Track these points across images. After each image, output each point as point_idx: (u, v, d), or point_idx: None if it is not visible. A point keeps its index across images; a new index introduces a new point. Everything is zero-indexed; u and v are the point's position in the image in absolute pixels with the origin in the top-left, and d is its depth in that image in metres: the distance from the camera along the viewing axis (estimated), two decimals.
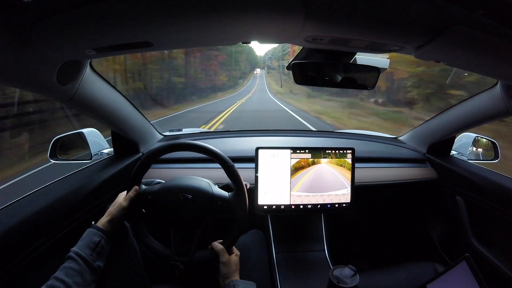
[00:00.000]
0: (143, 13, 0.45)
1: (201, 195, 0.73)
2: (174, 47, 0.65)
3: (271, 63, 59.89)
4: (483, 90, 0.90)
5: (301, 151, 0.96)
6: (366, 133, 1.53)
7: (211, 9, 0.44)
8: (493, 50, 0.53)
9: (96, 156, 1.03)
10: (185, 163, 1.12)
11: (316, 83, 0.81)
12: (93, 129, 1.07)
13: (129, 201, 0.70)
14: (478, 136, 1.18)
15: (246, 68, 55.82)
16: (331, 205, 0.98)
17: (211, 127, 7.41)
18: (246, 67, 56.57)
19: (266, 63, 67.27)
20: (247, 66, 58.06)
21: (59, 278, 0.54)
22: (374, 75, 0.78)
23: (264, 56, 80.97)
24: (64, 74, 0.62)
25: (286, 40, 0.60)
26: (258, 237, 1.00)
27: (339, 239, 1.20)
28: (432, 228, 1.26)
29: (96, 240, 0.63)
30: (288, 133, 1.46)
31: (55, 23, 0.45)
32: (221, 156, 0.74)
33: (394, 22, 0.48)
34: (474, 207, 1.05)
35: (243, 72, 51.65)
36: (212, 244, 0.73)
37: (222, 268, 0.70)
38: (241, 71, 48.16)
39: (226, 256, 0.71)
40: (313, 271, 0.97)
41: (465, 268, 0.72)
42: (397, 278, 0.91)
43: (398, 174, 1.17)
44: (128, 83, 11.17)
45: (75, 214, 0.80)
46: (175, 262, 0.74)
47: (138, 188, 0.73)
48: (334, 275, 0.69)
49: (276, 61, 51.29)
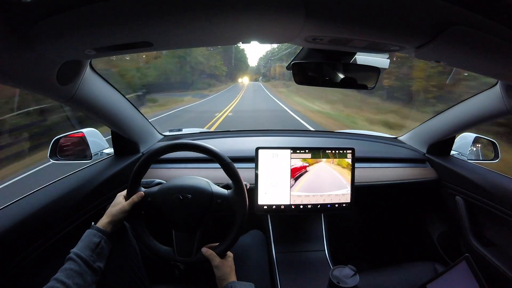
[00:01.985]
0: (143, 13, 0.45)
1: (200, 194, 0.73)
2: (174, 47, 0.65)
3: (266, 71, 47.75)
4: (483, 90, 0.90)
5: (301, 151, 0.96)
6: (366, 133, 1.53)
7: (211, 9, 0.44)
8: (493, 50, 0.53)
9: (96, 156, 1.02)
10: (185, 163, 1.12)
11: (316, 83, 0.81)
12: (93, 129, 1.07)
13: (132, 205, 0.70)
14: (478, 136, 1.18)
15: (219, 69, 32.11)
16: (331, 205, 0.98)
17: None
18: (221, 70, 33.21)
19: (261, 71, 54.99)
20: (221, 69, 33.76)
21: (59, 280, 0.54)
22: (374, 75, 0.78)
23: (258, 63, 71.52)
24: (64, 74, 0.62)
25: (286, 40, 0.60)
26: (258, 237, 1.00)
27: (339, 239, 1.20)
28: (432, 228, 1.26)
29: (96, 241, 0.62)
30: (288, 133, 1.46)
31: (55, 23, 0.45)
32: (218, 154, 0.74)
33: (394, 22, 0.48)
34: (474, 207, 1.05)
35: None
36: (202, 250, 0.72)
37: (216, 271, 0.70)
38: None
39: (217, 260, 0.70)
40: (313, 271, 0.97)
41: (465, 268, 0.72)
42: (397, 278, 0.91)
43: (398, 174, 1.17)
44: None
45: (75, 214, 0.80)
46: (178, 262, 0.74)
47: (143, 194, 0.73)
48: (334, 275, 0.69)
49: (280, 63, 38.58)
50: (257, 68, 72.65)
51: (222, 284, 0.69)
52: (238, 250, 0.79)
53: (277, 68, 41.38)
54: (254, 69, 73.95)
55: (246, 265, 0.85)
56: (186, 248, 0.72)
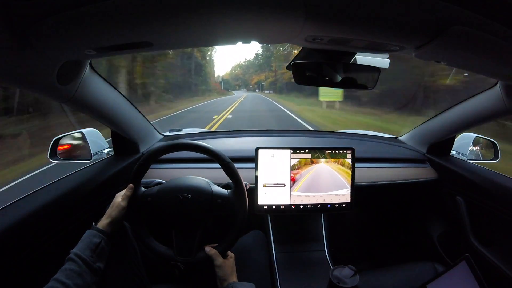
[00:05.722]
0: (143, 13, 0.45)
1: (200, 194, 0.73)
2: (174, 47, 0.65)
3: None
4: (483, 90, 0.90)
5: (301, 151, 0.96)
6: (366, 133, 1.53)
7: (211, 9, 0.44)
8: (493, 50, 0.53)
9: (96, 156, 1.03)
10: (185, 163, 1.12)
11: (316, 83, 0.81)
12: (93, 129, 1.07)
13: (127, 200, 0.70)
14: (478, 136, 1.18)
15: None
16: (331, 205, 0.97)
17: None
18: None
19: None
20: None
21: (59, 280, 0.54)
22: (374, 75, 0.78)
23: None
24: (64, 74, 0.62)
25: (286, 40, 0.60)
26: (259, 237, 1.00)
27: (339, 239, 1.20)
28: (432, 228, 1.26)
29: (96, 241, 0.62)
30: (288, 133, 1.46)
31: (55, 23, 0.45)
32: (218, 154, 0.74)
33: (394, 22, 0.48)
34: (474, 207, 1.05)
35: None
36: (205, 249, 0.73)
37: (217, 271, 0.70)
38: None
39: (220, 259, 0.71)
40: (313, 271, 0.97)
41: (465, 268, 0.72)
42: (397, 278, 0.91)
43: (398, 174, 1.17)
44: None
45: (75, 214, 0.80)
46: (179, 262, 0.74)
47: (133, 186, 0.72)
48: (334, 275, 0.69)
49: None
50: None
51: (223, 284, 0.69)
52: (239, 251, 0.79)
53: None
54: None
55: (247, 265, 0.85)
56: (186, 248, 0.72)
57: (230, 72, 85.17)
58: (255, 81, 67.00)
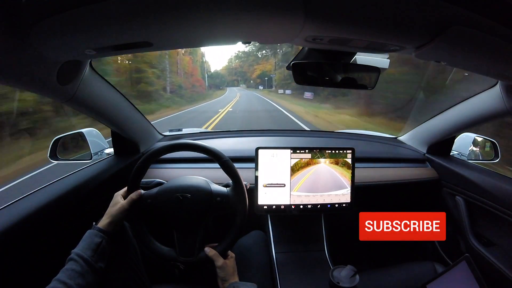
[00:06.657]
0: (143, 13, 0.45)
1: (199, 193, 0.73)
2: (174, 47, 0.65)
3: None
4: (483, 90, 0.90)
5: (301, 151, 0.96)
6: (366, 133, 1.53)
7: (211, 9, 0.44)
8: (493, 50, 0.53)
9: (96, 156, 1.03)
10: (185, 163, 1.12)
11: (316, 83, 0.81)
12: (93, 129, 1.07)
13: (131, 203, 0.70)
14: (478, 136, 1.18)
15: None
16: (331, 205, 0.97)
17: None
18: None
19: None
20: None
21: (61, 280, 0.54)
22: (374, 75, 0.78)
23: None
24: (64, 74, 0.62)
25: (286, 40, 0.60)
26: (260, 238, 1.00)
27: (339, 239, 1.20)
28: None
29: (98, 241, 0.62)
30: (288, 133, 1.46)
31: (55, 23, 0.45)
32: (216, 152, 0.74)
33: (394, 22, 0.48)
34: (474, 207, 1.04)
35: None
36: (205, 250, 0.72)
37: (219, 272, 0.70)
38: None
39: (221, 260, 0.71)
40: (313, 271, 0.97)
41: (465, 268, 0.72)
42: (397, 278, 0.91)
43: (398, 174, 1.17)
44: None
45: (76, 214, 0.80)
46: (181, 262, 0.74)
47: (141, 193, 0.72)
48: (334, 275, 0.69)
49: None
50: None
51: (225, 284, 0.69)
52: (239, 251, 0.79)
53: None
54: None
55: (247, 265, 0.85)
56: (188, 248, 0.72)
57: (226, 66, 69.66)
58: (258, 73, 48.94)
